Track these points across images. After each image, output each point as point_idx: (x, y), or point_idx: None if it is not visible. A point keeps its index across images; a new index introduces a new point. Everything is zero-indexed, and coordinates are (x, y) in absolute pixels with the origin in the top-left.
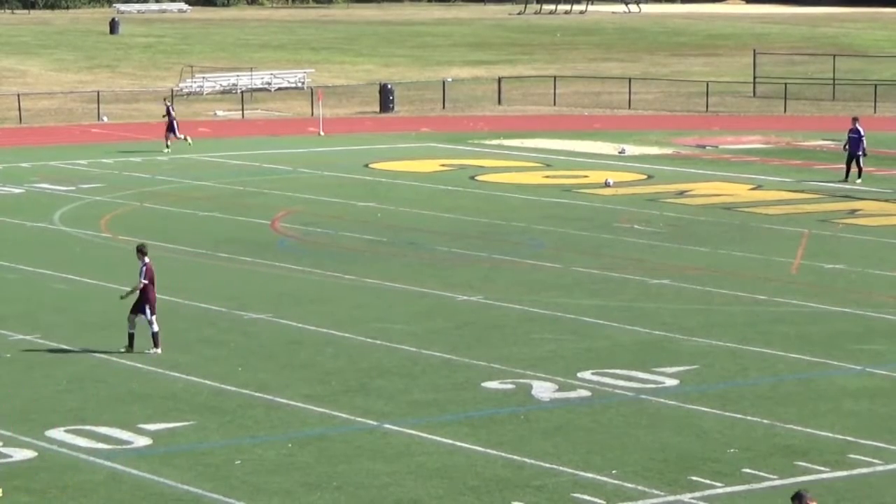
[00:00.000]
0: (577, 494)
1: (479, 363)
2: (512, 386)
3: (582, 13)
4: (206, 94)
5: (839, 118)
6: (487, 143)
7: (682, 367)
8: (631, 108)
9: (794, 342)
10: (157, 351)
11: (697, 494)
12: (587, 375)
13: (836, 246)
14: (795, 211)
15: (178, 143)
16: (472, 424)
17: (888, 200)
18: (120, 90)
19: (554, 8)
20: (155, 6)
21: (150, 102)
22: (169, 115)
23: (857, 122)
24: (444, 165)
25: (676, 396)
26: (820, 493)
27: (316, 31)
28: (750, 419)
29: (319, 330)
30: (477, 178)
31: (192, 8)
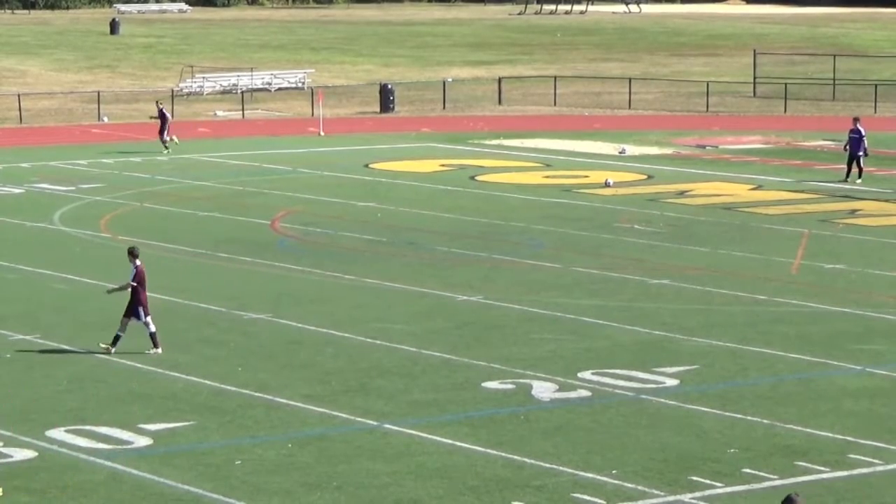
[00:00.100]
0: (577, 494)
1: (479, 363)
2: (512, 386)
3: (582, 13)
4: (206, 94)
5: (839, 118)
6: (487, 143)
7: (682, 367)
8: (631, 108)
9: (794, 342)
10: (157, 351)
11: (697, 494)
12: (587, 375)
13: (836, 246)
14: (795, 211)
15: (159, 143)
16: (472, 424)
17: (888, 200)
18: (120, 90)
19: (554, 8)
20: (155, 6)
21: (150, 102)
22: (162, 116)
23: (857, 122)
24: (444, 165)
25: (676, 396)
26: (820, 493)
27: (316, 31)
28: (750, 419)
29: (319, 330)
30: (477, 178)
31: (192, 8)
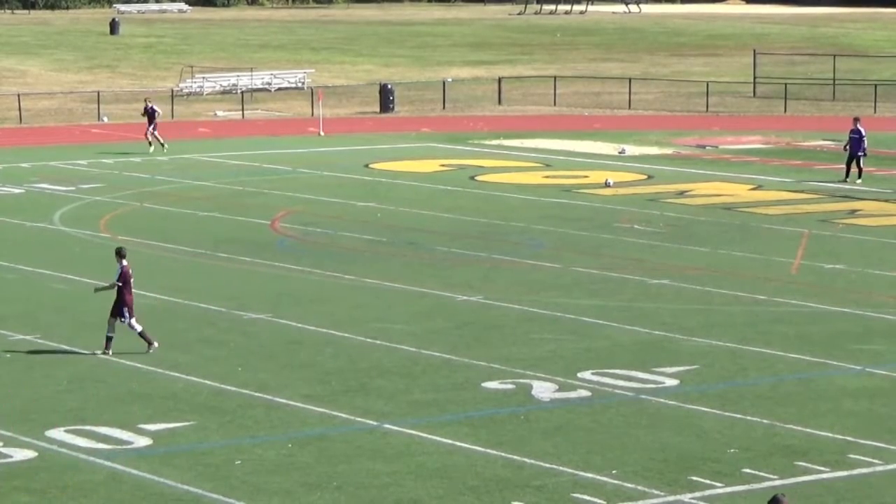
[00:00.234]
0: (577, 494)
1: (479, 363)
2: (512, 386)
3: (582, 13)
4: (206, 94)
5: (839, 118)
6: (487, 143)
7: (682, 367)
8: (631, 108)
9: (794, 342)
10: (154, 346)
11: (697, 494)
12: (587, 375)
13: (836, 246)
14: (795, 211)
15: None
16: (472, 424)
17: (888, 200)
18: (120, 90)
19: (554, 8)
20: (155, 6)
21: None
22: (152, 113)
23: (858, 122)
24: (444, 165)
25: (676, 396)
26: (820, 493)
27: (316, 31)
28: (750, 419)
29: (319, 330)
30: (477, 178)
31: (192, 8)
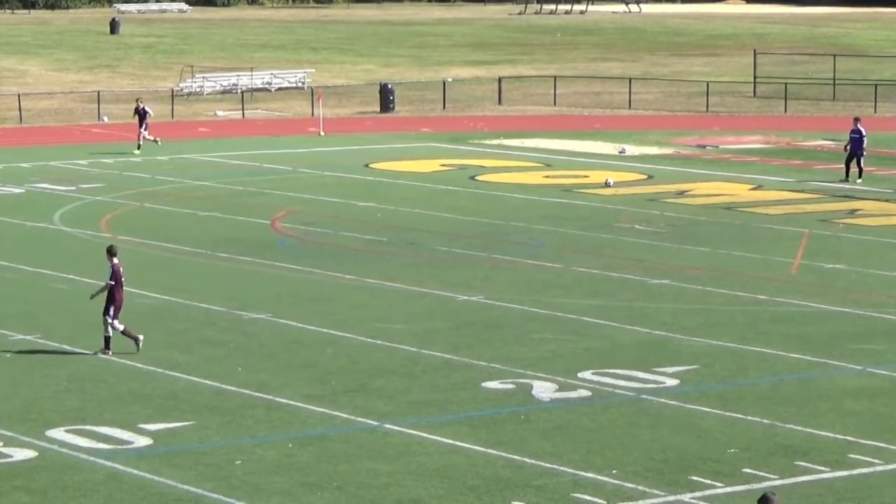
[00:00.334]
0: (577, 494)
1: (479, 363)
2: (512, 386)
3: (582, 13)
4: (206, 94)
5: (839, 118)
6: (487, 143)
7: (682, 367)
8: (631, 108)
9: (794, 342)
10: (140, 338)
11: (697, 494)
12: (587, 375)
13: (836, 246)
14: (795, 211)
15: (133, 143)
16: (472, 424)
17: (888, 200)
18: (120, 90)
19: (554, 8)
20: (155, 6)
21: (150, 102)
22: (143, 113)
23: (858, 122)
24: (444, 165)
25: (677, 396)
26: (820, 493)
27: (316, 31)
28: (750, 419)
29: (319, 330)
30: (477, 178)
31: (192, 8)
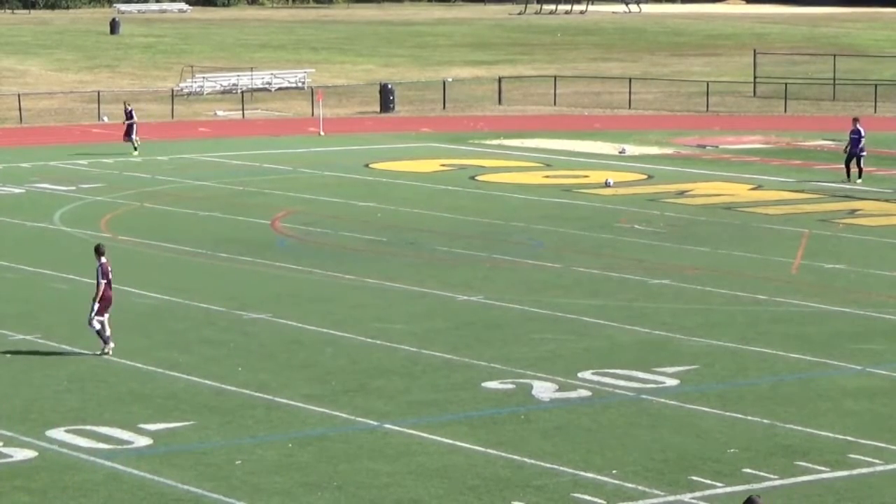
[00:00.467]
0: (577, 494)
1: (479, 363)
2: (512, 386)
3: (582, 13)
4: (206, 94)
5: (839, 118)
6: (487, 143)
7: (682, 367)
8: (631, 108)
9: (793, 342)
10: (110, 347)
11: (697, 494)
12: (587, 375)
13: (836, 246)
14: (795, 211)
15: (127, 145)
16: (472, 424)
17: (888, 200)
18: (120, 90)
19: (554, 8)
20: (155, 6)
21: (150, 102)
22: (130, 117)
23: (857, 122)
24: (444, 165)
25: (676, 396)
26: (820, 493)
27: (316, 31)
28: (750, 419)
29: (319, 330)
30: (477, 178)
31: (192, 8)
